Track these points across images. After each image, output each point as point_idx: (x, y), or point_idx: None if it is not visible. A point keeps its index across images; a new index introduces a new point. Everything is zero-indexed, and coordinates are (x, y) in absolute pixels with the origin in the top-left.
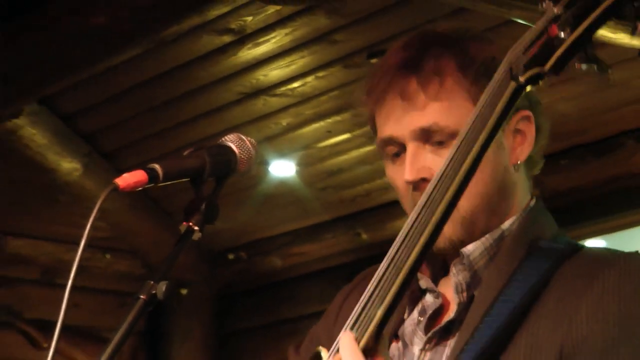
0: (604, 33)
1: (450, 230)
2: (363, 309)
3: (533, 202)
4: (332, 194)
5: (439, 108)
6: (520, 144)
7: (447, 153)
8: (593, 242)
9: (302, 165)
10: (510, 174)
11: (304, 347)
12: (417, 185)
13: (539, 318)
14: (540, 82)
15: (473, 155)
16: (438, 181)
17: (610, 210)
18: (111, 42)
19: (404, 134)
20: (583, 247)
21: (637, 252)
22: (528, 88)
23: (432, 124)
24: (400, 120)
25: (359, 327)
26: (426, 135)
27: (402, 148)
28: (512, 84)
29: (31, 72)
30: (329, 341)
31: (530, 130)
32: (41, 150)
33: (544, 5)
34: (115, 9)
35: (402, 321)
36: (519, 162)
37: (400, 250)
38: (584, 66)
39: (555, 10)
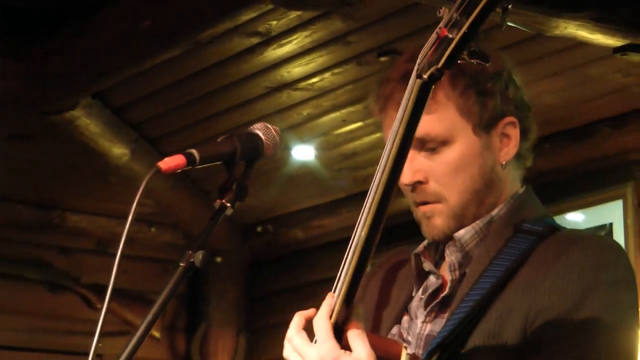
0: (583, 34)
1: (442, 222)
2: (336, 283)
3: (522, 190)
4: (347, 174)
5: (431, 120)
6: (506, 146)
7: (438, 158)
8: (572, 215)
9: (321, 149)
10: (498, 171)
11: None
12: (414, 187)
13: (513, 288)
14: (442, 78)
15: (397, 146)
16: (376, 174)
17: (587, 188)
18: (155, 44)
19: None
20: (560, 228)
21: (603, 234)
22: (432, 85)
23: (424, 134)
24: None
25: (336, 289)
26: (420, 144)
27: None
28: (418, 82)
29: (85, 70)
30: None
31: (515, 133)
32: (94, 138)
33: (440, 11)
34: (158, 16)
35: (411, 298)
36: (504, 162)
37: (355, 235)
38: (471, 59)
39: (450, 14)
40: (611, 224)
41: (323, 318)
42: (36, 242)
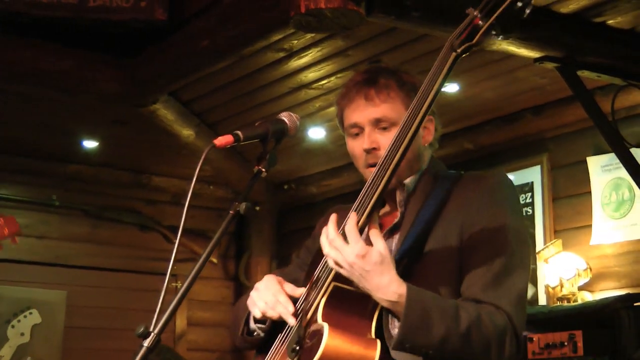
0: (512, 48)
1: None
2: (360, 201)
3: (431, 158)
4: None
5: (386, 107)
6: (427, 135)
7: (389, 135)
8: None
9: (329, 131)
10: (421, 149)
11: (302, 252)
12: (369, 151)
13: (447, 214)
14: (468, 52)
15: (429, 100)
16: (400, 130)
17: (515, 157)
18: (211, 57)
19: (364, 120)
20: (463, 172)
21: (501, 170)
22: (463, 55)
23: (381, 116)
24: (363, 112)
25: (358, 210)
26: (377, 123)
27: (361, 130)
28: (453, 55)
29: (163, 76)
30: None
31: (431, 127)
32: (170, 123)
33: (467, 10)
34: (214, 37)
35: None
36: (425, 144)
37: (379, 171)
38: (496, 36)
39: (475, 12)
40: (532, 182)
41: (353, 227)
42: (131, 196)
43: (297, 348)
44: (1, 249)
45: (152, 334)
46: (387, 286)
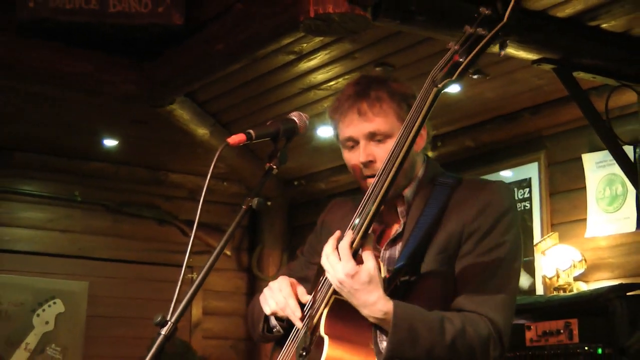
0: (511, 51)
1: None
2: (354, 221)
3: (427, 162)
4: None
5: (380, 120)
6: (420, 140)
7: (385, 146)
8: (504, 172)
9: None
10: (415, 156)
11: (306, 249)
12: (366, 164)
13: (448, 221)
14: (449, 87)
15: (412, 136)
16: (393, 149)
17: (514, 154)
18: (225, 60)
19: (359, 135)
20: (461, 178)
21: (500, 181)
22: (443, 90)
23: (375, 130)
24: (357, 127)
25: (354, 230)
26: (372, 136)
27: (356, 143)
28: (434, 90)
29: (179, 78)
30: (320, 246)
31: (424, 133)
32: (186, 123)
33: (449, 45)
34: (228, 41)
35: None
36: (418, 151)
37: (375, 186)
38: (473, 75)
39: (456, 47)
40: (530, 178)
41: (346, 247)
42: (149, 192)
43: (304, 354)
44: None
45: (169, 322)
46: (373, 304)
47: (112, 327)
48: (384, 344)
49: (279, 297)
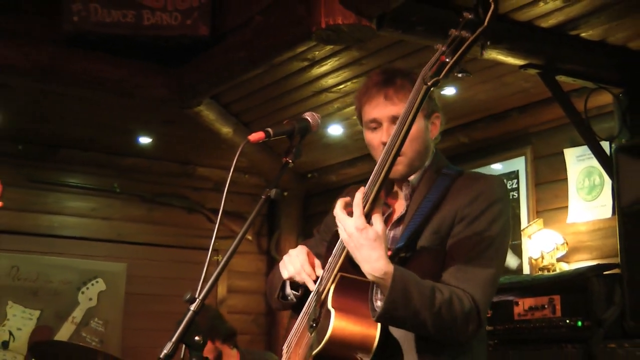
0: (501, 57)
1: (402, 168)
2: (368, 187)
3: (435, 154)
4: (362, 142)
5: (403, 106)
6: (434, 129)
7: None
8: (495, 165)
9: (346, 128)
10: (429, 142)
11: (322, 228)
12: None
13: (445, 206)
14: (437, 85)
15: (407, 125)
16: (392, 139)
17: (504, 149)
18: (246, 66)
19: (383, 117)
20: (462, 171)
21: (498, 176)
22: (432, 89)
23: (398, 113)
24: (382, 110)
25: (365, 198)
26: (394, 119)
27: (379, 125)
28: (424, 87)
29: (205, 83)
30: (335, 227)
31: (438, 122)
32: (212, 122)
33: (437, 46)
34: (249, 49)
35: None
36: (432, 138)
37: (380, 166)
38: (458, 74)
39: (443, 48)
40: (518, 170)
41: (358, 204)
42: (179, 184)
43: (314, 325)
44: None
45: (198, 299)
46: (375, 261)
47: (147, 303)
48: (378, 303)
49: (297, 262)
